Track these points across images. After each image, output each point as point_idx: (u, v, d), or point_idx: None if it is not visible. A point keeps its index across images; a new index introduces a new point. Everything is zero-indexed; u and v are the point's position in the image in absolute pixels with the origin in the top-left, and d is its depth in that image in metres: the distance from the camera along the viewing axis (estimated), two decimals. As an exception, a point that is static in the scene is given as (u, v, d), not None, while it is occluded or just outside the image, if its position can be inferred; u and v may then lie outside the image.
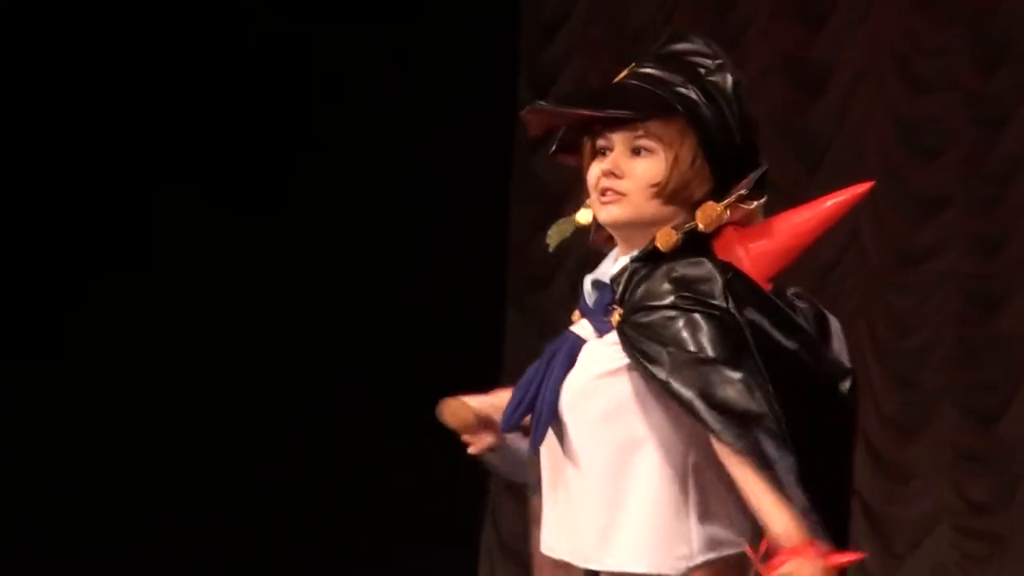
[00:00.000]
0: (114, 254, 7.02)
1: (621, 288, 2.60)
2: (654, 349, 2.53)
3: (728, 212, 2.60)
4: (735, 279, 2.58)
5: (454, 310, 6.68)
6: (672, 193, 2.59)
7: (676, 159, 2.57)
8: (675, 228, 2.59)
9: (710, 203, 2.59)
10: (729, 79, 2.61)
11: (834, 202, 2.70)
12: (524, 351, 5.92)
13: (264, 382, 7.15)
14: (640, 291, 2.58)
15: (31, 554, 6.95)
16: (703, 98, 2.59)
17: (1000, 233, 6.20)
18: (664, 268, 2.58)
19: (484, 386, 2.89)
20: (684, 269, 2.57)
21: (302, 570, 6.87)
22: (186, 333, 7.09)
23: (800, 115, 6.45)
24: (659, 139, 2.58)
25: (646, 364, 2.53)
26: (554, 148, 2.69)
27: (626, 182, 2.59)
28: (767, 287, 2.63)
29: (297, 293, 7.15)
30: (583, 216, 2.68)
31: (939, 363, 6.26)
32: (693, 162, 2.59)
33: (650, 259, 2.60)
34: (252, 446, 7.04)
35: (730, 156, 2.61)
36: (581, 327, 2.66)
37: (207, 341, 7.09)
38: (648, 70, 2.61)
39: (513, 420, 2.69)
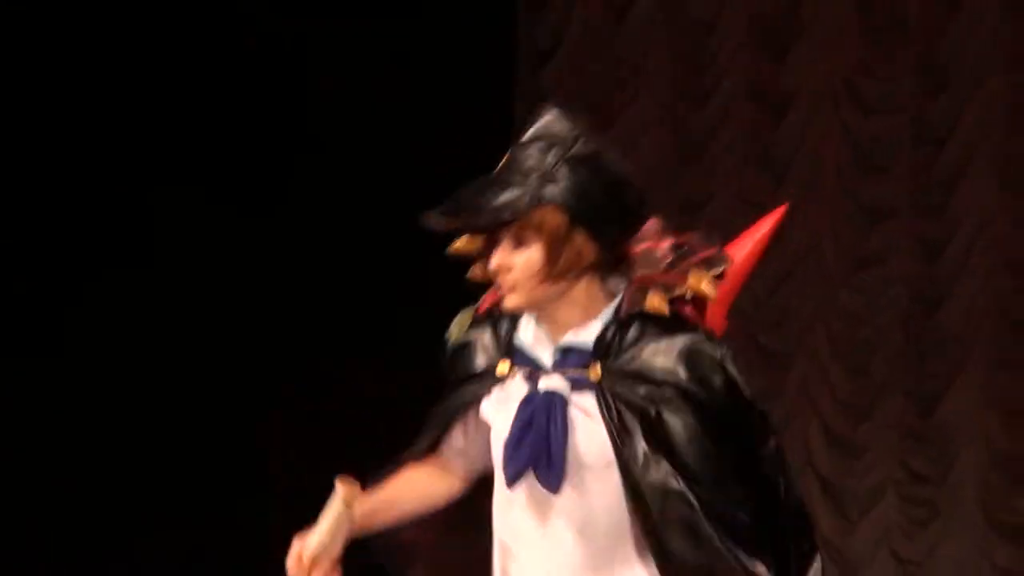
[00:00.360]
0: (114, 254, 7.06)
1: (605, 346, 2.86)
2: (638, 442, 2.80)
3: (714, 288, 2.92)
4: (728, 354, 2.87)
5: (455, 312, 6.96)
6: (557, 273, 2.85)
7: (551, 244, 2.83)
8: (665, 291, 2.87)
9: (705, 281, 2.89)
10: (589, 149, 2.84)
11: (765, 230, 3.06)
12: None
13: (265, 384, 7.29)
14: (632, 355, 2.85)
15: (31, 554, 6.98)
16: (567, 175, 2.82)
17: (941, 239, 7.05)
18: (664, 339, 2.85)
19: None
20: (686, 348, 2.84)
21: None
22: (187, 333, 7.19)
23: (766, 135, 7.19)
24: (535, 228, 2.84)
25: (622, 447, 2.81)
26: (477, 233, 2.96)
27: (513, 274, 2.86)
28: (727, 323, 2.97)
29: (297, 294, 7.32)
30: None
31: (887, 355, 7.09)
32: (569, 239, 2.83)
33: (633, 318, 2.87)
34: (252, 446, 7.19)
35: (606, 218, 2.84)
36: (551, 380, 2.89)
37: (208, 341, 7.20)
38: (518, 160, 2.86)
39: (519, 477, 2.88)
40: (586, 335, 2.88)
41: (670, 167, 7.12)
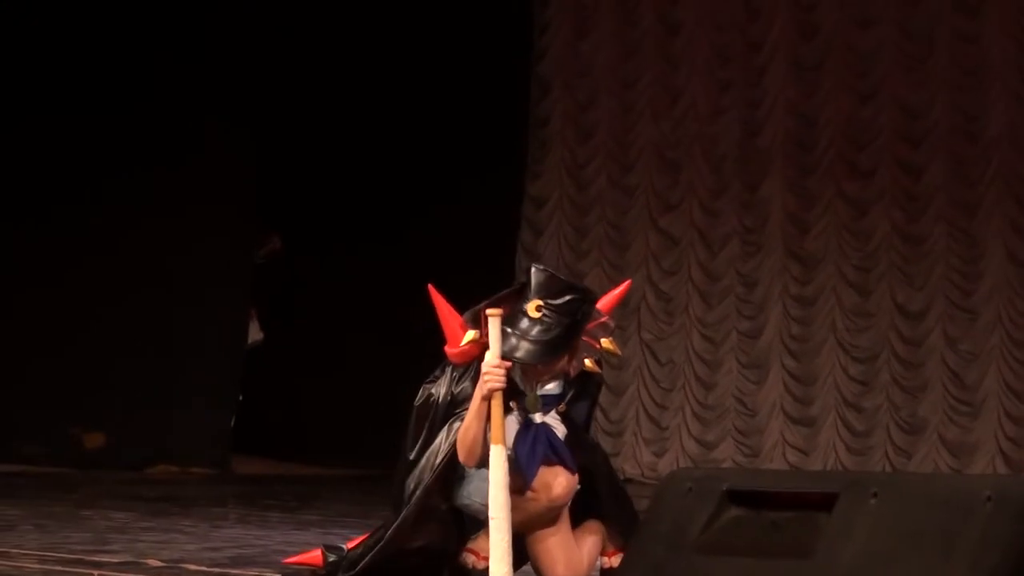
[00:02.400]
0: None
1: (565, 394, 5.08)
2: (586, 443, 5.11)
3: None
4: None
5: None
6: (561, 366, 5.09)
7: (569, 358, 5.06)
8: (593, 359, 5.11)
9: (612, 344, 5.13)
10: (588, 311, 5.04)
11: (618, 292, 5.30)
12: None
13: (277, 399, 8.22)
14: (573, 396, 5.09)
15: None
16: (575, 324, 4.99)
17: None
18: (585, 385, 5.13)
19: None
20: (588, 388, 5.13)
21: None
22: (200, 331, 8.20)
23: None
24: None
25: (579, 448, 5.07)
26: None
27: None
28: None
29: (311, 304, 8.37)
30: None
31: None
32: (575, 350, 5.06)
33: (580, 376, 5.13)
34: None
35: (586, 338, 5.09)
36: (537, 416, 5.04)
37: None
38: (549, 312, 4.97)
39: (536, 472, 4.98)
40: (553, 388, 5.11)
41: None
